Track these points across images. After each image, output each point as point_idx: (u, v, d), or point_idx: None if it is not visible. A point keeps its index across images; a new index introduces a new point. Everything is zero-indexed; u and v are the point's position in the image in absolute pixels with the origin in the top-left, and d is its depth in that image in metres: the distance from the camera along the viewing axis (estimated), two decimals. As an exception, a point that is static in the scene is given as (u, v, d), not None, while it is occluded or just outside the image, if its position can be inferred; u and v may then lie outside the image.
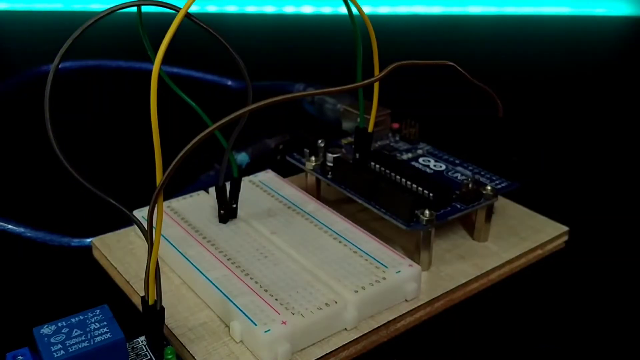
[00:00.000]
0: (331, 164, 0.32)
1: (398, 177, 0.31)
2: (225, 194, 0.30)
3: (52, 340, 0.21)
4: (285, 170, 0.35)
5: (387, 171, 0.31)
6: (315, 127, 0.34)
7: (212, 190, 0.31)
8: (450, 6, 0.76)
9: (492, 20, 0.74)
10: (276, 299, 0.24)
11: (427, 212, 0.28)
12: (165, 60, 0.17)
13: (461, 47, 0.65)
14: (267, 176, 0.34)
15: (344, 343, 0.24)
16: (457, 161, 0.34)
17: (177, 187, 0.34)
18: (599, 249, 0.32)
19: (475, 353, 0.26)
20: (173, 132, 0.25)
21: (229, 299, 0.24)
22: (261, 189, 0.33)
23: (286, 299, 0.24)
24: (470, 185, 0.30)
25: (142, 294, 0.22)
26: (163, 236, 0.27)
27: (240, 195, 0.30)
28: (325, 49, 0.64)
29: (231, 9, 0.74)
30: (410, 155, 0.35)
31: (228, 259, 0.27)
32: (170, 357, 0.22)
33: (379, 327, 0.25)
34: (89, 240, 0.30)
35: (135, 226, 0.22)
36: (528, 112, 0.49)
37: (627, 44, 0.72)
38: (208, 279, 0.25)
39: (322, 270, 0.26)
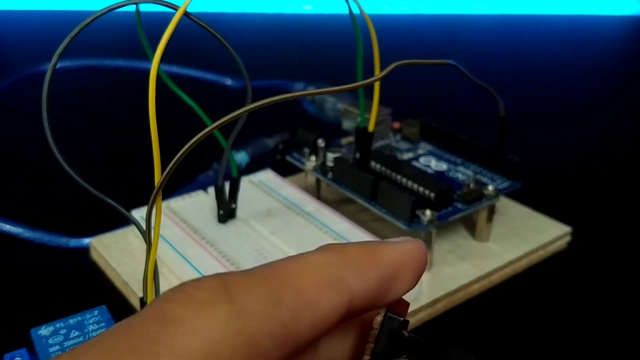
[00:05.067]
0: (331, 164, 0.32)
1: (399, 177, 0.30)
2: (225, 194, 0.29)
3: (49, 341, 0.20)
4: (285, 170, 0.35)
5: (388, 171, 0.31)
6: (315, 127, 0.34)
7: (211, 190, 0.31)
8: (452, 5, 0.76)
9: (493, 20, 0.74)
10: (276, 300, 0.24)
11: (428, 212, 0.28)
12: (164, 59, 0.17)
13: (462, 46, 0.65)
14: (267, 176, 0.34)
15: (345, 344, 0.24)
16: (458, 161, 0.34)
17: (175, 187, 0.34)
18: (602, 250, 0.32)
19: (476, 354, 0.26)
20: (172, 131, 0.25)
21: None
22: (261, 189, 0.32)
23: (286, 300, 0.24)
24: (471, 185, 0.30)
25: (141, 295, 0.22)
26: (162, 236, 0.27)
27: (239, 195, 0.30)
28: (326, 48, 0.63)
29: (231, 7, 0.74)
30: (411, 155, 0.35)
31: (227, 260, 0.27)
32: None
33: (379, 328, 0.25)
34: (87, 240, 0.30)
35: (134, 226, 0.22)
36: (529, 111, 0.48)
37: (628, 44, 0.72)
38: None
39: (322, 271, 0.26)
